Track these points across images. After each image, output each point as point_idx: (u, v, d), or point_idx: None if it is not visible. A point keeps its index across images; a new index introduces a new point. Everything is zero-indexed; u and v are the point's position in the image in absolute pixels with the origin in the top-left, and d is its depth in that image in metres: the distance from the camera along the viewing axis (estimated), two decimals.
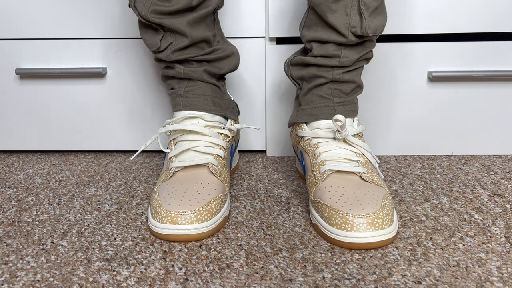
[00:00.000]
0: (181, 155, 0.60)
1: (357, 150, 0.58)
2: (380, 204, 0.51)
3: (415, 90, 0.77)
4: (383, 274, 0.46)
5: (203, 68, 0.62)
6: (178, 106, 0.62)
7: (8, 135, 0.83)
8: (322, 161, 0.57)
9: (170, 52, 0.61)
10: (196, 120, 0.61)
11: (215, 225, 0.54)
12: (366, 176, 0.56)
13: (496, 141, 0.79)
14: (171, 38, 0.60)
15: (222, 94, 0.65)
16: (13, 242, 0.54)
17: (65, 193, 0.67)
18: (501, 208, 0.60)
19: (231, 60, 0.64)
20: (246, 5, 0.75)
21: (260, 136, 0.81)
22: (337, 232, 0.50)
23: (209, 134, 0.61)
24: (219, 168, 0.59)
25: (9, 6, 0.76)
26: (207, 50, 0.62)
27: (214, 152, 0.60)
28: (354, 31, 0.56)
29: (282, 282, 0.45)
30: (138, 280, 0.46)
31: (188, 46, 0.61)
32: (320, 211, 0.53)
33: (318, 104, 0.61)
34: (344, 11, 0.55)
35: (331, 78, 0.59)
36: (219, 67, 0.63)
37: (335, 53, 0.58)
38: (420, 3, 0.73)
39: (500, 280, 0.45)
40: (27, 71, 0.77)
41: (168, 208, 0.52)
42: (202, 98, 0.62)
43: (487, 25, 0.73)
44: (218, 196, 0.55)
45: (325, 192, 0.54)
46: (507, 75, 0.74)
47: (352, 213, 0.50)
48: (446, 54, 0.75)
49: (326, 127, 0.60)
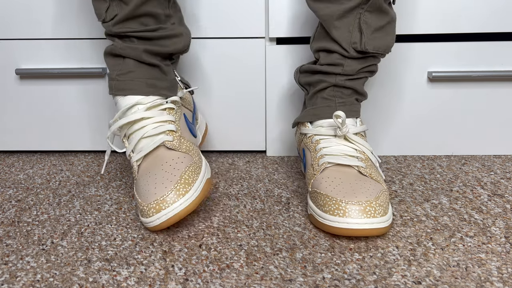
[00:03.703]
0: (136, 147, 0.59)
1: (357, 147, 0.60)
2: (374, 196, 0.52)
3: (415, 90, 0.77)
4: (383, 274, 0.46)
5: (144, 47, 0.60)
6: (112, 90, 0.61)
7: (8, 135, 0.83)
8: (321, 155, 0.59)
9: (112, 24, 0.59)
10: (135, 107, 0.59)
11: (198, 192, 0.53)
12: (364, 170, 0.57)
13: (496, 141, 0.79)
14: (117, 9, 0.59)
15: (162, 74, 0.63)
16: (13, 242, 0.54)
17: (65, 193, 0.67)
18: (501, 208, 0.60)
19: (178, 40, 0.63)
20: (246, 5, 0.75)
21: (260, 136, 0.81)
22: (330, 218, 0.52)
23: (152, 115, 0.59)
24: (176, 142, 0.58)
25: (9, 6, 0.76)
26: (152, 27, 0.60)
27: (165, 129, 0.59)
28: (355, 46, 0.59)
29: (282, 282, 0.45)
30: (138, 280, 0.46)
31: (131, 18, 0.59)
32: (316, 200, 0.55)
33: (321, 105, 0.63)
34: (347, 28, 0.59)
35: (334, 82, 0.62)
36: (163, 45, 0.62)
37: (339, 62, 0.61)
38: (420, 3, 0.73)
39: (500, 280, 0.45)
40: (27, 71, 0.77)
41: (147, 201, 0.52)
42: (135, 81, 0.60)
43: (487, 25, 0.73)
44: (188, 166, 0.55)
45: (322, 182, 0.56)
46: (507, 75, 0.74)
47: (345, 200, 0.51)
48: (446, 54, 0.75)
49: (328, 125, 0.62)
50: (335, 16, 0.58)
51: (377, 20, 0.59)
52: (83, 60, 0.78)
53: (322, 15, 0.59)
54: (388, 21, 0.59)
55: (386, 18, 0.59)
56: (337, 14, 0.58)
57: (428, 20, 0.73)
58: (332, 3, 0.58)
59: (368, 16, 0.58)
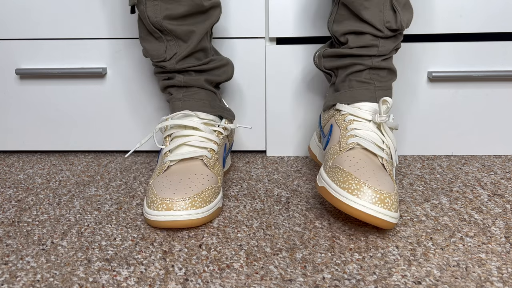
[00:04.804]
0: (175, 150, 0.62)
1: (385, 140, 0.59)
2: (394, 191, 0.52)
3: (415, 90, 0.77)
4: (383, 274, 0.46)
5: (204, 78, 0.64)
6: (177, 109, 0.65)
7: (8, 135, 0.83)
8: (352, 135, 0.59)
9: (175, 62, 0.63)
10: (192, 117, 0.63)
11: (209, 213, 0.55)
12: (387, 165, 0.57)
13: (496, 141, 0.79)
14: (176, 48, 0.62)
15: (218, 100, 0.68)
16: (13, 242, 0.54)
17: (65, 193, 0.67)
18: (501, 208, 0.60)
19: (227, 69, 0.68)
20: (246, 5, 0.75)
21: (260, 136, 0.81)
22: (347, 195, 0.51)
23: (204, 130, 0.63)
24: (212, 161, 0.61)
25: (9, 6, 0.76)
26: (204, 60, 0.64)
27: (208, 146, 0.62)
28: (389, 25, 0.59)
29: (282, 282, 0.45)
30: (138, 280, 0.46)
31: (190, 54, 0.63)
32: (335, 175, 0.54)
33: (359, 87, 0.62)
34: (377, 8, 0.59)
35: (370, 65, 0.61)
36: (217, 74, 0.66)
37: (373, 43, 0.61)
38: (420, 3, 0.73)
39: (500, 280, 0.45)
40: (27, 71, 0.77)
41: (163, 196, 0.54)
42: (200, 102, 0.65)
43: (487, 25, 0.73)
44: (212, 186, 0.57)
45: (347, 160, 0.55)
46: (507, 75, 0.74)
47: (368, 184, 0.51)
48: (446, 54, 0.75)
49: (367, 109, 0.61)
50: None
51: None
52: (83, 60, 0.78)
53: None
54: None
55: None
56: None
57: (428, 20, 0.73)
58: None
59: None
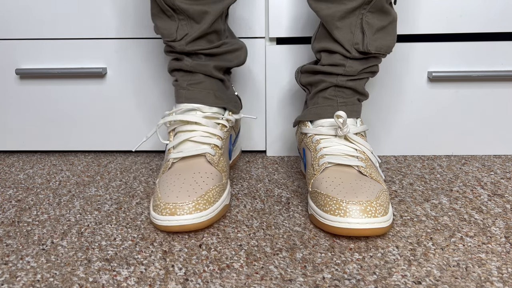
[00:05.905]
0: (179, 146, 0.62)
1: (357, 147, 0.60)
2: (375, 195, 0.52)
3: (415, 90, 0.77)
4: (383, 274, 0.46)
5: (213, 64, 0.63)
6: (181, 99, 0.64)
7: (8, 135, 0.83)
8: (322, 155, 0.59)
9: (185, 43, 0.61)
10: (194, 111, 0.63)
11: (214, 213, 0.55)
12: (364, 170, 0.57)
13: (496, 141, 0.79)
14: (187, 28, 0.61)
15: (225, 88, 0.66)
16: (13, 242, 0.54)
17: (65, 193, 0.67)
18: (501, 208, 0.60)
19: (239, 54, 0.66)
20: (246, 5, 0.75)
21: (260, 136, 0.81)
22: (331, 218, 0.51)
23: (207, 124, 0.62)
24: (216, 158, 0.60)
25: (9, 6, 0.76)
26: (216, 43, 0.63)
27: (211, 142, 0.61)
28: (357, 47, 0.59)
29: (282, 282, 0.45)
30: (138, 280, 0.46)
31: (201, 36, 0.61)
32: (316, 200, 0.55)
33: (323, 104, 0.63)
34: (349, 28, 0.59)
35: (335, 83, 0.62)
36: (228, 59, 0.65)
37: (341, 63, 0.61)
38: (421, 4, 0.73)
39: (500, 280, 0.45)
40: (27, 71, 0.77)
41: (167, 200, 0.53)
42: (204, 92, 0.63)
43: (487, 25, 0.73)
44: (216, 185, 0.56)
45: (322, 182, 0.56)
46: (507, 75, 0.74)
47: (346, 199, 0.51)
48: (446, 54, 0.75)
49: (329, 125, 0.62)
50: (336, 16, 0.58)
51: (379, 20, 0.58)
52: (83, 60, 0.78)
53: (323, 15, 0.59)
54: (390, 21, 0.59)
55: (388, 19, 0.59)
56: (338, 14, 0.58)
57: (428, 20, 0.73)
58: (333, 4, 0.58)
59: (370, 17, 0.58)
